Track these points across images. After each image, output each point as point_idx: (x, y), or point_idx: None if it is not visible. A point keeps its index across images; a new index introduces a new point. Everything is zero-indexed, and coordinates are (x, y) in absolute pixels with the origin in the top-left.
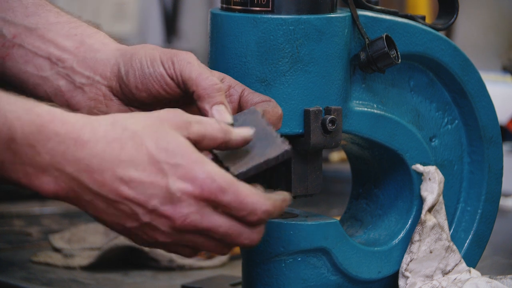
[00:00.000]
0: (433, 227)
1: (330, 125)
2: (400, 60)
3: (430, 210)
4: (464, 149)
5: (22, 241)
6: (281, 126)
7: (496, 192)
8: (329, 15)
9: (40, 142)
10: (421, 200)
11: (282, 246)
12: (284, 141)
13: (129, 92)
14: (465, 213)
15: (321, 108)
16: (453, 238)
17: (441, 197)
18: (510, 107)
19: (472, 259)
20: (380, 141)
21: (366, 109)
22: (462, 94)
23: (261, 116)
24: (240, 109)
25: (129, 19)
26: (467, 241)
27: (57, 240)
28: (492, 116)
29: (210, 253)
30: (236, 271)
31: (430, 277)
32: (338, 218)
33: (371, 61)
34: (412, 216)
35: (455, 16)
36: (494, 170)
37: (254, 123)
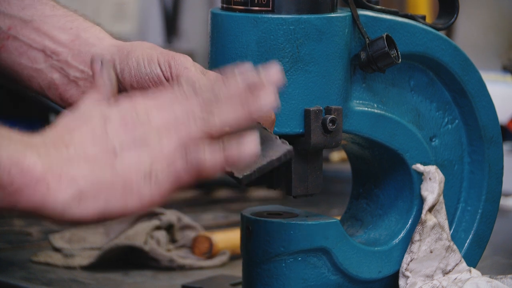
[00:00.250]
0: (433, 227)
1: (330, 124)
2: (400, 59)
3: (430, 210)
4: (465, 149)
5: (22, 241)
6: (273, 130)
7: (496, 192)
8: (330, 15)
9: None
10: (422, 200)
11: (283, 246)
12: (284, 142)
13: (123, 89)
14: (466, 213)
15: (321, 108)
16: (453, 237)
17: (441, 197)
18: (510, 107)
19: (472, 259)
20: (380, 140)
21: (366, 108)
22: (462, 93)
23: (257, 121)
24: None
25: (129, 19)
26: (468, 241)
27: (57, 240)
28: (492, 115)
29: (210, 252)
30: (236, 271)
31: (430, 276)
32: (339, 218)
33: (371, 60)
34: (412, 216)
35: (455, 16)
36: (495, 170)
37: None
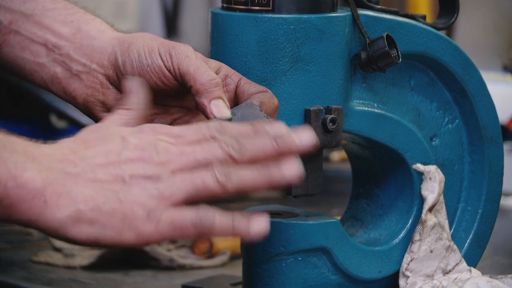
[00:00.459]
0: (433, 227)
1: (330, 124)
2: (400, 59)
3: (430, 209)
4: (465, 149)
5: (22, 240)
6: (276, 116)
7: (496, 192)
8: (330, 15)
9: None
10: (422, 200)
11: (283, 245)
12: None
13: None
14: (466, 212)
15: (321, 108)
16: (453, 237)
17: (441, 197)
18: (510, 107)
19: (472, 259)
20: (380, 140)
21: (366, 108)
22: (462, 93)
23: (259, 109)
24: (236, 99)
25: (129, 18)
26: (468, 240)
27: (57, 240)
28: (492, 115)
29: (210, 252)
30: (236, 271)
31: (430, 276)
32: (339, 218)
33: (371, 60)
34: (412, 216)
35: (455, 15)
36: (495, 170)
37: (253, 116)
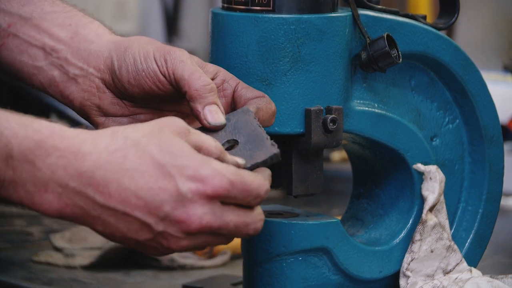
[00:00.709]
0: (434, 227)
1: (331, 124)
2: (401, 59)
3: (431, 209)
4: (465, 149)
5: (23, 240)
6: (274, 121)
7: (497, 192)
8: (330, 15)
9: (39, 158)
10: (422, 200)
11: (283, 245)
12: (273, 144)
13: (121, 86)
14: (466, 212)
15: (322, 108)
16: (454, 237)
17: (442, 197)
18: (511, 107)
19: (473, 259)
20: (381, 140)
21: (367, 108)
22: (463, 93)
23: (253, 117)
24: (233, 104)
25: (130, 19)
26: (468, 240)
27: (58, 240)
28: (493, 115)
29: (211, 252)
30: (237, 271)
31: (431, 276)
32: (339, 218)
33: (372, 60)
34: (413, 216)
35: (456, 15)
36: (495, 170)
37: (246, 124)
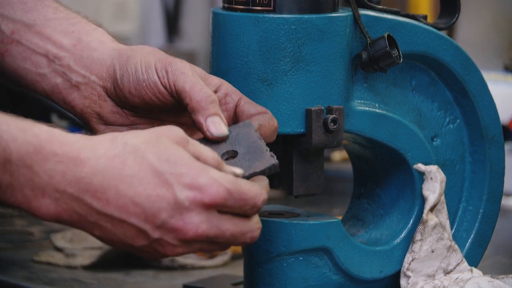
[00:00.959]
0: (434, 227)
1: (331, 124)
2: (402, 59)
3: (432, 209)
4: (466, 149)
5: (23, 240)
6: (275, 138)
7: (497, 192)
8: (331, 15)
9: (38, 163)
10: (423, 200)
11: (284, 245)
12: (272, 156)
13: (122, 96)
14: (467, 212)
15: (322, 108)
16: (454, 237)
17: (442, 197)
18: (511, 107)
19: (473, 259)
20: (382, 140)
21: (368, 108)
22: (463, 93)
23: (254, 130)
24: (235, 118)
25: (130, 19)
26: (469, 240)
27: (58, 240)
28: (493, 115)
29: (211, 252)
30: (237, 271)
31: (432, 276)
32: (340, 218)
33: (373, 60)
34: (413, 216)
35: (456, 15)
36: (496, 170)
37: (247, 136)
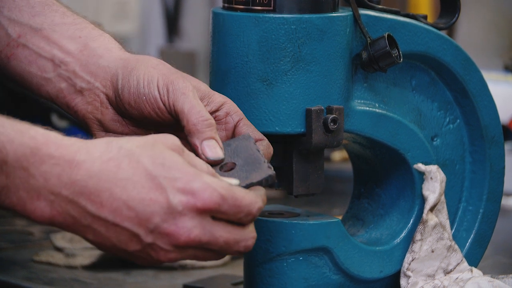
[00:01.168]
0: (435, 227)
1: (332, 124)
2: (402, 59)
3: (432, 209)
4: (466, 149)
5: (23, 240)
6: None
7: (497, 192)
8: (331, 15)
9: (34, 165)
10: (423, 200)
11: (284, 245)
12: (270, 167)
13: (122, 106)
14: (467, 212)
15: (323, 108)
16: (454, 237)
17: (443, 197)
18: (511, 107)
19: (473, 259)
20: (382, 140)
21: (368, 108)
22: (464, 93)
23: (253, 143)
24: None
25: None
26: (469, 240)
27: (58, 240)
28: (493, 115)
29: None
30: (237, 271)
31: (432, 276)
32: (340, 218)
33: (373, 60)
34: (413, 216)
35: (456, 15)
36: (496, 170)
37: (246, 149)
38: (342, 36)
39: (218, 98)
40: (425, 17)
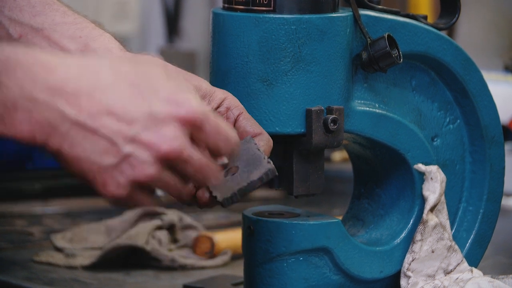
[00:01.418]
0: (435, 227)
1: (332, 124)
2: (402, 59)
3: (432, 209)
4: (466, 149)
5: (24, 240)
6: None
7: (498, 192)
8: (331, 15)
9: (6, 75)
10: (423, 200)
11: (284, 245)
12: (269, 162)
13: None
14: (467, 212)
15: (323, 108)
16: (455, 237)
17: (443, 197)
18: (511, 107)
19: (474, 259)
20: (382, 140)
21: (368, 108)
22: (464, 93)
23: (254, 143)
24: None
25: (130, 19)
26: (469, 240)
27: (59, 240)
28: (494, 115)
29: (212, 252)
30: (238, 271)
31: (432, 276)
32: (340, 218)
33: (373, 60)
34: (414, 216)
35: (457, 15)
36: (496, 170)
37: (247, 151)
38: (342, 36)
39: (219, 94)
40: (425, 17)
